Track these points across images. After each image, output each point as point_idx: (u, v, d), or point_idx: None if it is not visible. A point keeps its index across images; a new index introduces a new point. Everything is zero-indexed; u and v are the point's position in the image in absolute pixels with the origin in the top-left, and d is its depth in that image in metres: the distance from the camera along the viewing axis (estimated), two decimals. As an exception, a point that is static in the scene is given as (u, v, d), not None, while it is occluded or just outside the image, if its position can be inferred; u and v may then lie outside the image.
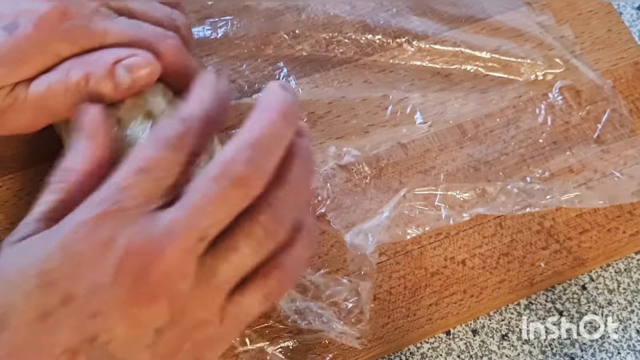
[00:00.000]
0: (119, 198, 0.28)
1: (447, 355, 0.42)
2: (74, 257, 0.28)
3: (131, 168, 0.29)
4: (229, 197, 0.28)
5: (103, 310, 0.28)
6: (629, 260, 0.46)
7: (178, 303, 0.29)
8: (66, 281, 0.28)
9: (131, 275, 0.28)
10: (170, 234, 0.28)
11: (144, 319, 0.28)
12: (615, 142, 0.46)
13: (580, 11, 0.51)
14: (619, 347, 0.43)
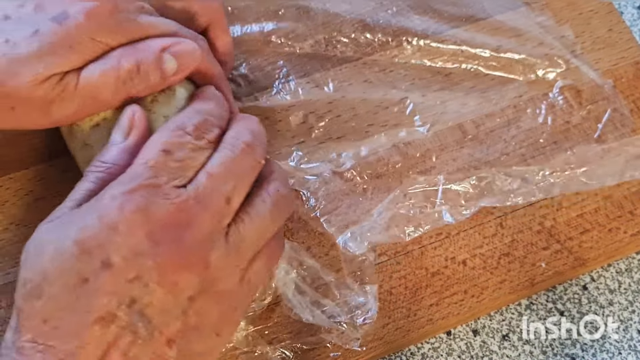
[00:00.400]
0: (147, 175, 0.31)
1: (448, 356, 0.42)
2: (110, 227, 0.30)
3: (156, 149, 0.32)
4: (242, 160, 0.33)
5: (142, 275, 0.30)
6: (629, 260, 0.45)
7: (210, 271, 0.31)
8: (104, 248, 0.29)
9: (167, 242, 0.30)
10: (199, 201, 0.31)
11: (180, 285, 0.30)
12: (616, 142, 0.46)
13: (581, 11, 0.51)
14: (620, 347, 0.43)
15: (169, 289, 0.30)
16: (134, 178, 0.31)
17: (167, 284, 0.30)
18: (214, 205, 0.32)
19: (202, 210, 0.31)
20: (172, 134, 0.33)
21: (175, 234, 0.30)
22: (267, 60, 0.47)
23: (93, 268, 0.29)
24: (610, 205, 0.45)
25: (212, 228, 0.31)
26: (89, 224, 0.30)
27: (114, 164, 0.33)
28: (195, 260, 0.31)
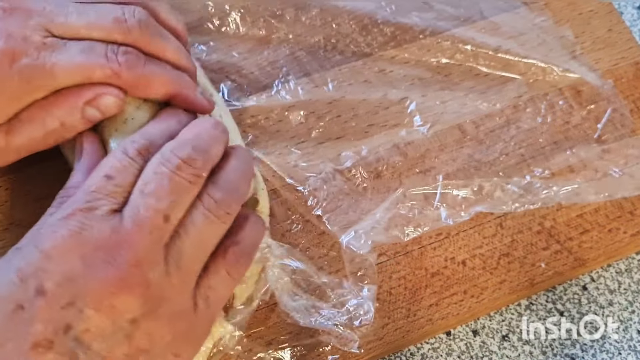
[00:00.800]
0: (87, 199, 0.31)
1: (448, 356, 0.42)
2: (44, 254, 0.30)
3: (99, 174, 0.32)
4: (177, 176, 0.32)
5: (75, 300, 0.29)
6: (629, 261, 0.45)
7: (152, 291, 0.30)
8: (38, 275, 0.29)
9: (101, 265, 0.30)
10: (134, 221, 0.31)
11: (118, 308, 0.30)
12: (616, 142, 0.46)
13: (581, 11, 0.51)
14: (620, 347, 0.43)
15: (106, 313, 0.30)
16: (73, 203, 0.31)
17: (104, 308, 0.29)
18: (150, 224, 0.31)
19: (138, 231, 0.30)
20: (115, 159, 0.33)
21: (109, 256, 0.30)
22: (266, 60, 0.47)
23: (28, 295, 0.29)
24: (610, 205, 0.45)
25: (150, 247, 0.30)
26: (27, 252, 0.30)
27: (76, 187, 0.33)
28: (133, 282, 0.30)
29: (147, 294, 0.30)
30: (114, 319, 0.30)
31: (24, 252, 0.31)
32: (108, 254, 0.30)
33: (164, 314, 0.31)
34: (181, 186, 0.32)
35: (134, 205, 0.31)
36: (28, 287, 0.29)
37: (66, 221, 0.30)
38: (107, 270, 0.30)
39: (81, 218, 0.30)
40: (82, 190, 0.32)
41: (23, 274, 0.29)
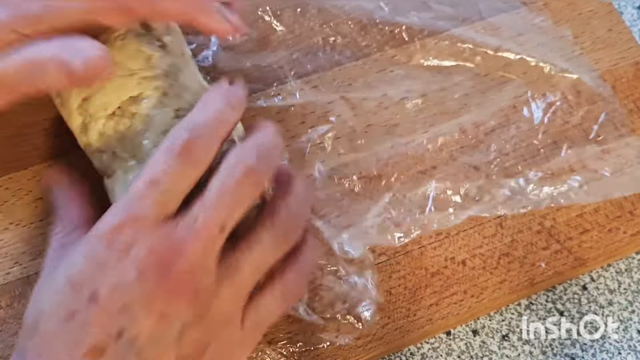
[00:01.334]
0: (134, 207, 0.30)
1: (448, 356, 0.42)
2: (98, 262, 0.30)
3: (144, 180, 0.31)
4: (242, 186, 0.31)
5: (129, 305, 0.29)
6: (629, 261, 0.45)
7: (202, 299, 0.30)
8: (91, 282, 0.30)
9: (155, 270, 0.30)
10: (191, 228, 0.30)
11: (169, 314, 0.30)
12: (615, 142, 0.46)
13: (581, 11, 0.51)
14: (620, 347, 0.43)
15: (157, 319, 0.30)
16: (119, 212, 0.31)
17: (155, 313, 0.30)
18: (206, 235, 0.31)
19: (193, 240, 0.30)
20: (160, 160, 0.31)
21: (163, 264, 0.30)
22: (265, 61, 0.47)
23: (81, 301, 0.29)
24: (610, 205, 0.45)
25: (203, 257, 0.30)
26: (76, 261, 0.30)
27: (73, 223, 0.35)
28: (185, 290, 0.30)
29: (197, 302, 0.30)
30: (165, 325, 0.30)
31: (72, 260, 0.31)
32: (161, 262, 0.30)
33: (210, 324, 0.31)
34: (243, 197, 0.32)
35: (193, 215, 0.30)
36: (81, 294, 0.30)
37: (116, 232, 0.30)
38: (160, 278, 0.30)
39: (131, 228, 0.30)
40: (127, 197, 0.31)
41: (74, 282, 0.30)
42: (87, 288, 0.30)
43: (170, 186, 0.31)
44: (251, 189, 0.32)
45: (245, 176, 0.31)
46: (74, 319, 0.29)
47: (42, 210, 0.42)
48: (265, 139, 0.33)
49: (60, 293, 0.30)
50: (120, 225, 0.30)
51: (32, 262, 0.41)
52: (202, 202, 0.31)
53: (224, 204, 0.31)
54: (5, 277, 0.41)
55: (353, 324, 0.40)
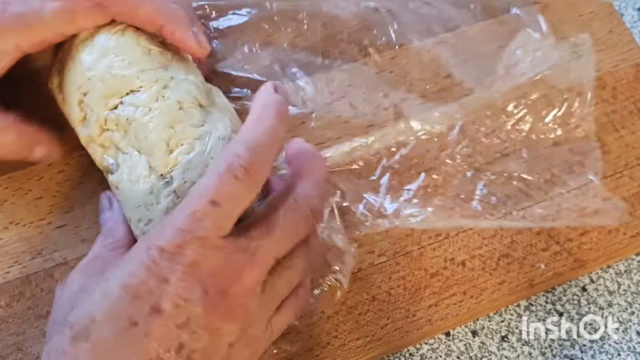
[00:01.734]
0: (196, 227, 0.30)
1: (447, 357, 0.42)
2: (158, 274, 0.30)
3: (205, 200, 0.30)
4: (302, 225, 0.33)
5: (190, 321, 0.30)
6: (629, 262, 0.45)
7: (247, 319, 0.32)
8: (153, 295, 0.30)
9: (216, 291, 0.31)
10: (252, 256, 0.31)
11: (222, 332, 0.31)
12: (616, 143, 0.46)
13: (582, 12, 0.51)
14: (619, 348, 0.43)
15: (212, 336, 0.31)
16: (180, 230, 0.30)
17: (212, 330, 0.31)
18: (264, 265, 0.32)
19: (252, 266, 0.31)
20: (221, 181, 0.31)
21: (224, 283, 0.31)
22: (267, 61, 0.47)
23: (143, 313, 0.30)
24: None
25: (256, 282, 0.32)
26: (136, 272, 0.31)
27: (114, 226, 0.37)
28: (238, 310, 0.31)
29: (245, 320, 0.32)
30: (217, 342, 0.31)
31: (128, 269, 0.31)
32: (222, 283, 0.31)
33: (248, 338, 0.32)
34: (300, 234, 0.34)
35: (254, 244, 0.32)
36: (142, 306, 0.30)
37: (182, 249, 0.30)
38: (218, 297, 0.31)
39: (196, 247, 0.30)
40: (187, 215, 0.31)
41: (134, 293, 0.30)
42: (148, 300, 0.30)
43: (232, 208, 0.31)
44: (307, 229, 0.34)
45: (307, 217, 0.33)
46: (134, 330, 0.30)
47: (42, 209, 0.42)
48: (322, 178, 0.35)
49: (117, 302, 0.30)
50: (184, 243, 0.30)
51: (31, 262, 0.41)
52: (267, 233, 0.32)
53: (284, 239, 0.33)
54: (4, 277, 0.41)
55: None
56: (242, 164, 0.31)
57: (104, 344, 0.30)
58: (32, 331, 0.40)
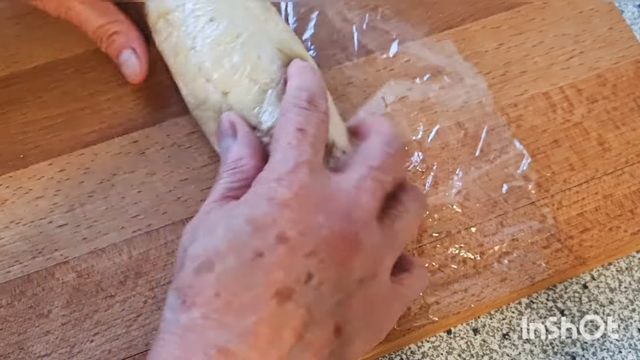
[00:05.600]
0: (297, 154, 0.32)
1: (448, 355, 0.42)
2: (281, 205, 0.31)
3: (291, 129, 0.33)
4: (397, 159, 0.35)
5: (317, 250, 0.30)
6: (630, 259, 0.45)
7: (374, 256, 0.32)
8: (277, 224, 0.30)
9: (339, 219, 0.31)
10: (361, 183, 0.32)
11: (350, 266, 0.31)
12: (617, 141, 0.46)
13: (582, 9, 0.51)
14: (620, 345, 0.43)
15: (340, 268, 0.30)
16: (286, 159, 0.32)
17: (339, 261, 0.30)
18: (375, 192, 0.32)
19: (366, 194, 0.32)
20: (294, 113, 0.34)
21: (343, 207, 0.31)
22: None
23: (268, 243, 0.30)
24: (611, 204, 0.45)
25: (373, 211, 0.32)
26: (259, 204, 0.31)
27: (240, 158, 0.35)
28: (359, 239, 0.31)
29: (370, 258, 0.31)
30: (346, 275, 0.31)
31: (251, 203, 0.31)
32: (341, 207, 0.31)
33: (378, 282, 0.32)
34: (397, 168, 0.35)
35: (358, 172, 0.33)
36: (267, 235, 0.30)
37: (294, 174, 0.31)
38: (342, 224, 0.31)
39: (306, 171, 0.32)
40: (284, 147, 0.33)
41: (259, 224, 0.30)
42: (273, 230, 0.30)
43: (316, 132, 0.33)
44: (400, 165, 0.35)
45: (400, 150, 0.35)
46: (260, 260, 0.30)
47: (43, 208, 0.42)
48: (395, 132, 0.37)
49: (241, 234, 0.30)
50: (294, 168, 0.31)
51: (32, 261, 0.41)
52: (365, 161, 0.33)
53: (386, 168, 0.34)
54: (5, 276, 0.41)
55: None
56: (304, 97, 0.34)
57: (228, 274, 0.30)
58: (34, 330, 0.40)
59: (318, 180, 0.32)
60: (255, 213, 0.31)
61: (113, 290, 0.41)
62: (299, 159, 0.32)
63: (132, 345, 0.39)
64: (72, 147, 0.44)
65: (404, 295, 0.35)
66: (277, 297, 0.29)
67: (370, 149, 0.35)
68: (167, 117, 0.45)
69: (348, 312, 0.30)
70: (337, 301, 0.30)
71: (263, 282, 0.29)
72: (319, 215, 0.30)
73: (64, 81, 0.46)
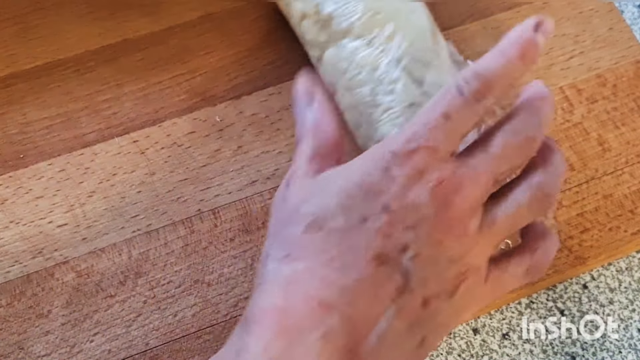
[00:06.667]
0: (428, 137, 0.32)
1: (448, 355, 0.42)
2: (390, 178, 0.31)
3: (437, 112, 0.32)
4: (520, 150, 0.33)
5: (416, 225, 0.31)
6: (630, 259, 0.45)
7: (467, 240, 0.32)
8: (385, 194, 0.31)
9: (440, 201, 0.31)
10: (474, 172, 0.32)
11: (443, 245, 0.31)
12: (617, 141, 0.46)
13: (582, 9, 0.51)
14: (620, 345, 0.43)
15: (434, 246, 0.31)
16: (413, 137, 0.32)
17: (434, 240, 0.31)
18: (484, 182, 0.32)
19: (473, 184, 0.32)
20: (450, 98, 0.32)
21: (448, 195, 0.31)
22: (266, 60, 0.47)
23: (374, 210, 0.31)
24: (611, 204, 0.45)
25: (476, 200, 0.32)
26: (371, 172, 0.32)
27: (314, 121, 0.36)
28: (459, 226, 0.32)
29: (463, 242, 0.32)
30: (438, 254, 0.31)
31: (365, 169, 0.32)
32: (446, 194, 0.31)
33: (466, 267, 0.32)
34: (517, 160, 0.33)
35: (475, 161, 0.32)
36: (375, 203, 0.31)
37: (411, 155, 0.32)
38: (444, 208, 0.31)
39: (425, 156, 0.32)
40: (419, 125, 0.32)
41: (368, 190, 0.31)
42: (380, 199, 0.31)
43: (460, 124, 0.32)
44: (525, 156, 0.34)
45: (526, 142, 0.33)
46: (364, 225, 0.31)
47: (43, 208, 0.42)
48: (547, 110, 0.34)
49: (352, 197, 0.31)
50: (417, 149, 0.32)
51: (32, 261, 0.41)
52: (486, 151, 0.33)
53: (503, 160, 0.33)
54: (5, 276, 0.41)
55: None
56: (472, 87, 0.32)
57: (335, 234, 0.31)
58: (33, 330, 0.40)
59: (434, 167, 0.32)
60: (367, 179, 0.32)
61: (113, 290, 0.41)
62: (424, 143, 0.32)
63: (131, 345, 0.40)
64: (71, 147, 0.44)
65: (499, 283, 0.34)
66: (375, 260, 0.30)
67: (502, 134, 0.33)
68: (167, 117, 0.45)
69: (435, 287, 0.31)
70: (427, 275, 0.31)
71: (365, 245, 0.31)
72: (425, 195, 0.31)
73: (64, 81, 0.46)
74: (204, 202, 0.43)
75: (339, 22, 0.41)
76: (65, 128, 0.45)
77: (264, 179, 0.44)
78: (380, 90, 0.40)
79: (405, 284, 0.31)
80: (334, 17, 0.41)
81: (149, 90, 0.46)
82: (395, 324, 0.31)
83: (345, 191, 0.32)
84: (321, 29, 0.42)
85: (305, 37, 0.44)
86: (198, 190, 0.43)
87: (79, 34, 0.45)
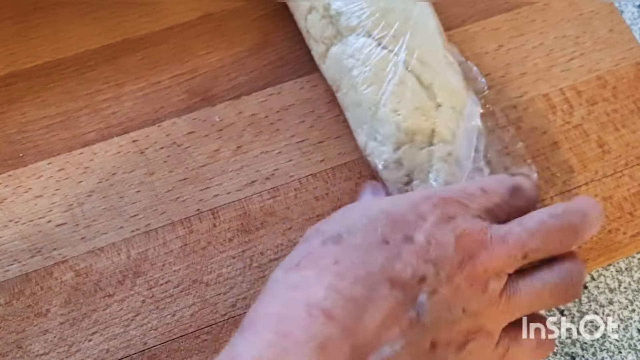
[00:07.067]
0: (462, 195, 0.34)
1: (447, 356, 0.42)
2: (419, 213, 0.33)
3: (476, 185, 0.35)
4: (558, 235, 0.34)
5: (438, 263, 0.31)
6: (629, 260, 0.45)
7: (485, 299, 0.32)
8: (409, 225, 0.32)
9: (465, 249, 0.32)
10: (505, 237, 0.33)
11: (461, 292, 0.31)
12: (616, 143, 0.46)
13: (582, 11, 0.51)
14: (620, 346, 0.43)
15: (451, 289, 0.31)
16: (447, 191, 0.34)
17: (453, 285, 0.31)
18: (513, 250, 0.33)
19: (499, 247, 0.32)
20: (493, 181, 0.36)
21: (475, 248, 0.32)
22: (266, 60, 0.47)
23: (396, 237, 0.32)
24: (610, 206, 0.45)
25: (502, 264, 0.32)
26: (399, 204, 0.33)
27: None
28: (479, 281, 0.32)
29: (482, 299, 0.32)
30: (453, 297, 0.31)
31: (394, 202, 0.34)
32: (474, 247, 0.32)
33: (480, 326, 0.32)
34: (553, 244, 0.34)
35: (509, 229, 0.33)
36: (397, 231, 0.32)
37: (445, 202, 0.33)
38: (471, 260, 0.32)
39: (456, 207, 0.33)
40: (461, 189, 0.35)
41: (393, 218, 0.32)
42: (404, 229, 0.32)
43: (495, 201, 0.35)
44: (561, 243, 0.34)
45: (565, 230, 0.34)
46: (384, 247, 0.31)
47: (41, 207, 0.42)
48: (594, 213, 0.35)
49: (377, 220, 0.32)
50: (450, 199, 0.33)
51: (31, 260, 0.41)
52: (522, 223, 0.33)
53: (538, 237, 0.33)
54: (4, 275, 0.40)
55: None
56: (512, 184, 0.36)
57: (352, 248, 0.31)
58: (32, 329, 0.39)
59: (464, 219, 0.33)
60: (393, 210, 0.33)
61: (111, 290, 0.41)
62: (459, 198, 0.34)
63: (130, 344, 0.39)
64: (71, 147, 0.44)
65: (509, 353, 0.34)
66: (389, 282, 0.30)
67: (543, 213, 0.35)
68: (167, 117, 0.45)
69: (446, 334, 0.31)
70: (440, 318, 0.31)
71: (380, 264, 0.31)
72: (449, 236, 0.32)
73: (64, 80, 0.46)
74: (203, 202, 0.43)
75: (348, 19, 0.41)
76: (65, 127, 0.45)
77: (263, 179, 0.44)
78: (387, 89, 0.40)
79: (417, 318, 0.30)
80: (342, 13, 0.41)
81: (149, 90, 0.46)
82: (401, 356, 0.30)
83: (370, 216, 0.33)
84: (328, 24, 0.42)
85: (310, 31, 0.44)
86: (197, 190, 0.43)
87: (79, 34, 0.45)
